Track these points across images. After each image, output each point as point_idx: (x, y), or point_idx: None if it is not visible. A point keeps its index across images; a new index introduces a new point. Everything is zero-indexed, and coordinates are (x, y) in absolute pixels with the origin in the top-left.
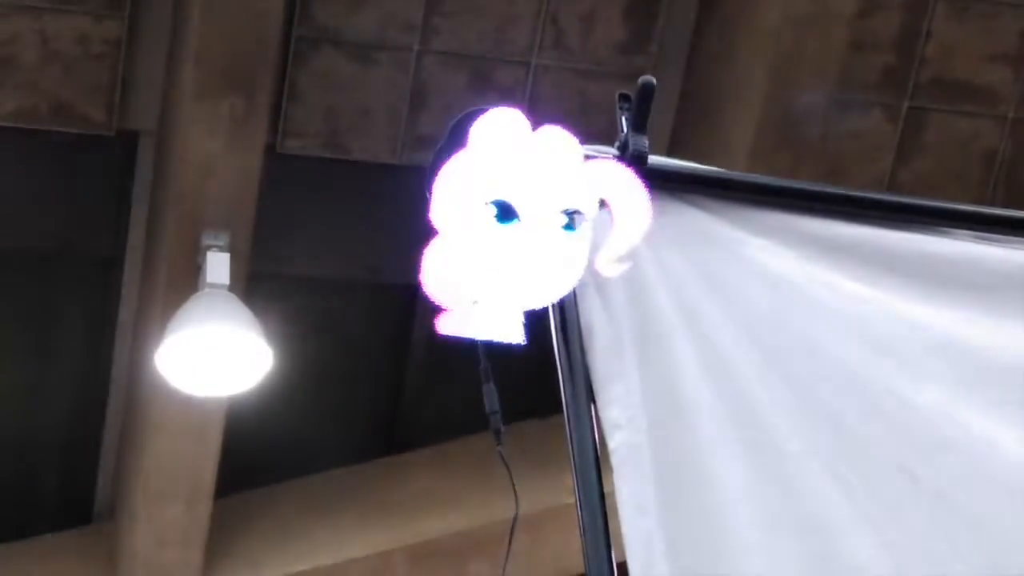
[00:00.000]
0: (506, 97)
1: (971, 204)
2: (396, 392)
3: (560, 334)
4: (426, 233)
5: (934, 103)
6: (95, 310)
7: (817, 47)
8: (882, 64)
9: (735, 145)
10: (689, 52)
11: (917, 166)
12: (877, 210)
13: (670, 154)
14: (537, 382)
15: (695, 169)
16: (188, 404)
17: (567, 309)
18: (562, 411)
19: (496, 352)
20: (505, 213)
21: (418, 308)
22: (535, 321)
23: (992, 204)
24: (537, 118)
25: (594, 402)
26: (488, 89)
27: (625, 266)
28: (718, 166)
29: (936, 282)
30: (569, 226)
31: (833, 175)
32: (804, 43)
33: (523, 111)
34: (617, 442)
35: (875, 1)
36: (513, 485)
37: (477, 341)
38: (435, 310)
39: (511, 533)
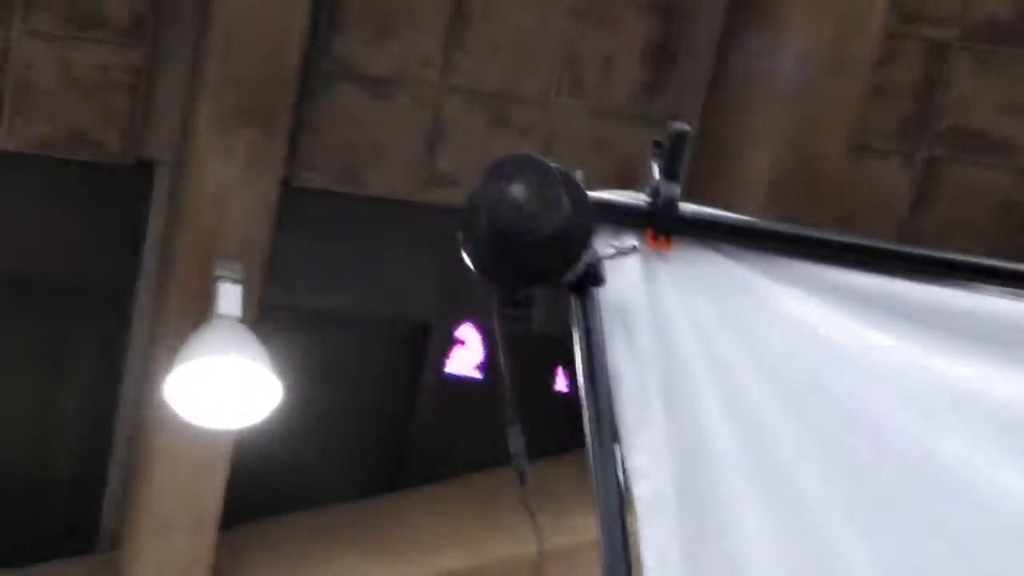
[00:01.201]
0: (523, 136)
1: (986, 255)
2: (404, 428)
3: (587, 379)
4: (439, 270)
5: (952, 153)
6: (106, 338)
7: (835, 93)
8: (900, 112)
9: (752, 189)
10: (707, 95)
11: (933, 215)
12: (904, 263)
13: (686, 196)
14: (541, 422)
15: (725, 217)
16: (195, 434)
17: (595, 355)
18: (567, 451)
19: (501, 386)
20: None
21: (428, 344)
22: (549, 362)
23: (1008, 255)
24: (554, 158)
25: (618, 441)
26: (506, 128)
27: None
28: (734, 209)
29: (960, 335)
30: None
31: (849, 222)
32: (822, 89)
33: (540, 151)
34: (642, 490)
35: (894, 49)
36: (535, 525)
37: (506, 385)
38: (446, 347)
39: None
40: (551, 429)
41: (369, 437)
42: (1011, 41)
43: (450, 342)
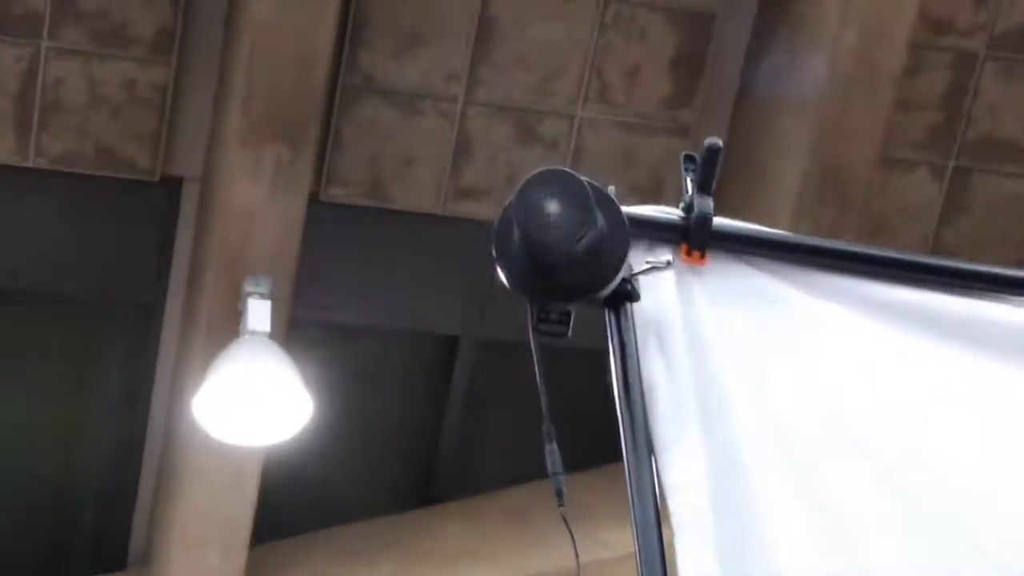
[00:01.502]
0: (550, 149)
1: (1018, 265)
2: (433, 443)
3: (623, 394)
4: (467, 284)
5: (980, 163)
6: (135, 354)
7: (863, 104)
8: (928, 123)
9: (780, 201)
10: (734, 105)
11: (962, 226)
12: (939, 276)
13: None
14: (575, 435)
15: (759, 232)
16: (225, 451)
17: (630, 370)
18: (597, 465)
19: (536, 401)
20: None
21: (456, 358)
22: (575, 370)
23: None
24: (581, 170)
25: (653, 455)
26: (533, 141)
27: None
28: (762, 221)
29: (1002, 350)
30: None
31: (877, 233)
32: (850, 100)
33: (567, 163)
34: (677, 504)
35: (922, 60)
36: (574, 545)
37: (541, 401)
38: (474, 361)
39: None
40: (584, 442)
41: (398, 452)
42: None
43: (478, 356)
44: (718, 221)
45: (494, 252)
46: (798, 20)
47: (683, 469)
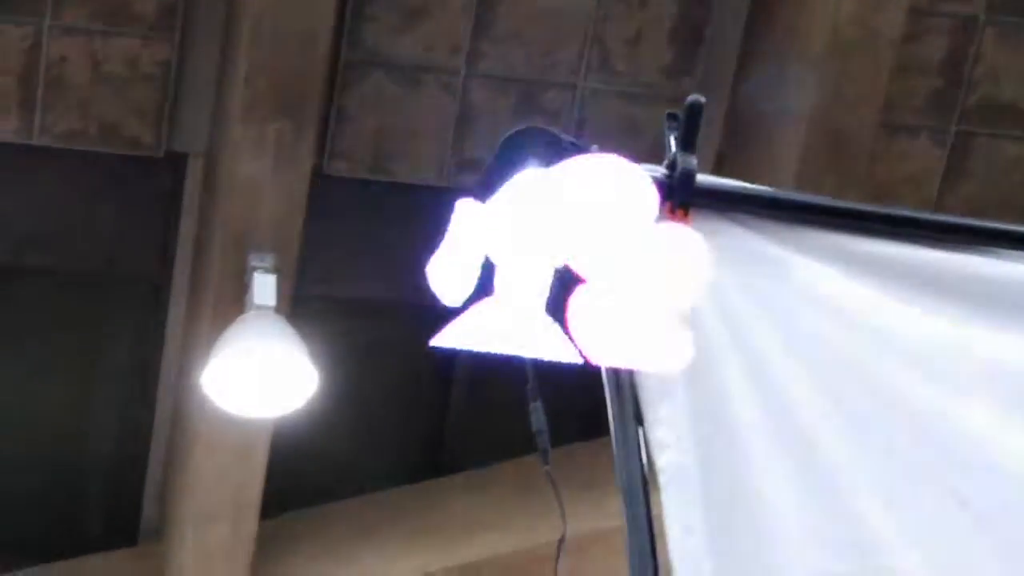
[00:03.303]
0: (553, 120)
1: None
2: (441, 414)
3: None
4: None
5: (982, 127)
6: (142, 331)
7: (864, 70)
8: (929, 88)
9: (781, 168)
10: (735, 74)
11: (964, 190)
12: (926, 230)
13: (716, 175)
14: (583, 405)
15: (743, 188)
16: (234, 424)
17: None
18: (608, 434)
19: (544, 373)
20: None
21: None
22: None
23: None
24: (584, 140)
25: (641, 423)
26: (535, 112)
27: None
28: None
29: (986, 304)
30: None
31: (879, 198)
32: (851, 66)
33: (570, 133)
34: (664, 462)
35: (922, 25)
36: (560, 504)
37: (526, 360)
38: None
39: (558, 552)
40: (591, 413)
41: (406, 424)
42: None
43: None
44: (701, 178)
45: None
46: None
47: (669, 425)
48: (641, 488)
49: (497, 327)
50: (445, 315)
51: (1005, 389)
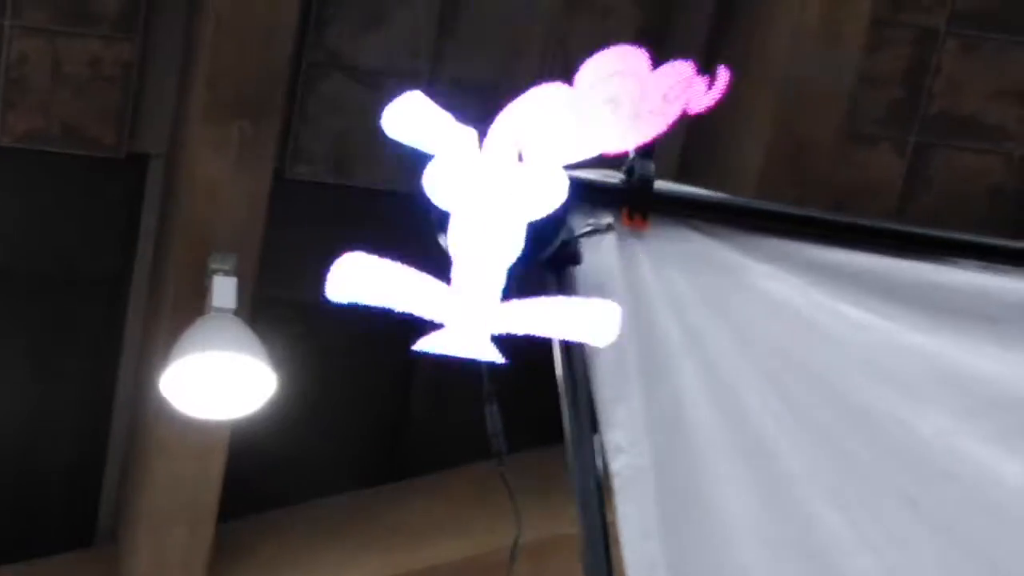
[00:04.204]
0: None
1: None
2: (400, 418)
3: (564, 357)
4: (432, 260)
5: (942, 139)
6: (101, 332)
7: (826, 80)
8: (890, 98)
9: (743, 176)
10: None
11: (924, 201)
12: (883, 239)
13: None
14: (544, 410)
15: (701, 195)
16: (192, 427)
17: None
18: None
19: (504, 378)
20: None
21: (423, 334)
22: (541, 347)
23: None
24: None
25: (596, 428)
26: (498, 115)
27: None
28: None
29: (941, 312)
30: None
31: (840, 208)
32: (813, 76)
33: None
34: (620, 465)
35: (884, 36)
36: (515, 506)
37: (482, 364)
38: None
39: (512, 555)
40: (556, 417)
41: (365, 427)
42: (999, 26)
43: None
44: (659, 184)
45: (433, 216)
46: None
47: (625, 429)
48: (596, 493)
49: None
50: (405, 320)
51: (957, 395)
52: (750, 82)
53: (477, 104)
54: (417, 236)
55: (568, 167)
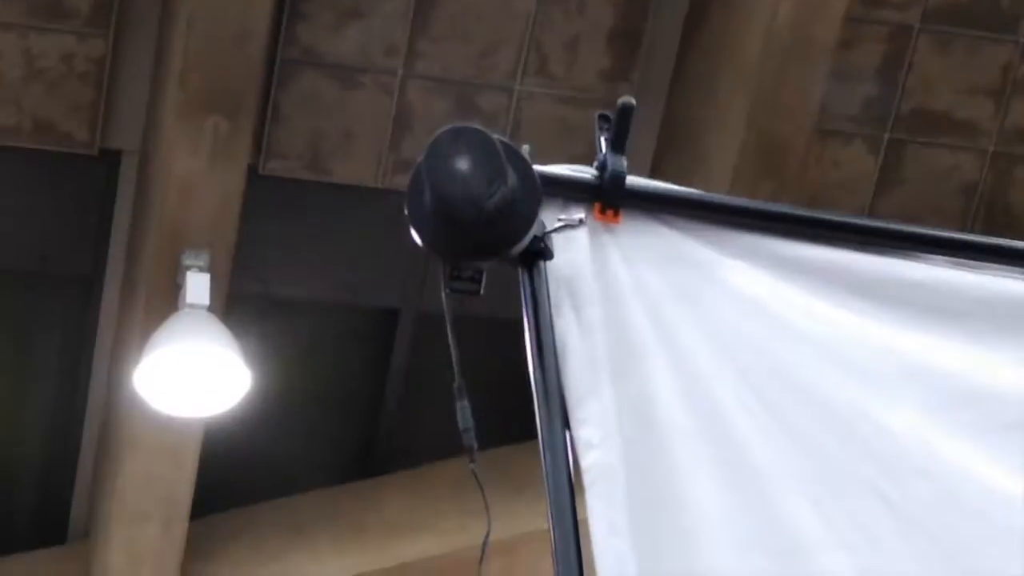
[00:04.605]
0: (489, 123)
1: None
2: (374, 415)
3: (535, 352)
4: (407, 257)
5: (915, 135)
6: (74, 329)
7: (799, 77)
8: (864, 95)
9: (717, 173)
10: (672, 79)
11: (897, 197)
12: (852, 234)
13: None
14: (515, 406)
15: (672, 190)
16: (165, 424)
17: (543, 328)
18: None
19: (476, 374)
20: None
21: (397, 331)
22: (513, 343)
23: None
24: (520, 143)
25: (568, 425)
26: (472, 114)
27: None
28: None
29: (910, 307)
30: None
31: (813, 204)
32: (786, 73)
33: (506, 136)
34: (590, 461)
35: (857, 32)
36: (486, 502)
37: (452, 359)
38: (415, 333)
39: (483, 551)
40: (530, 413)
41: (339, 424)
42: (972, 23)
43: (418, 328)
44: (631, 180)
45: (406, 210)
46: None
47: (595, 425)
48: (568, 490)
49: None
50: (380, 315)
51: (931, 391)
52: (724, 79)
53: (452, 101)
54: (391, 232)
55: (539, 162)
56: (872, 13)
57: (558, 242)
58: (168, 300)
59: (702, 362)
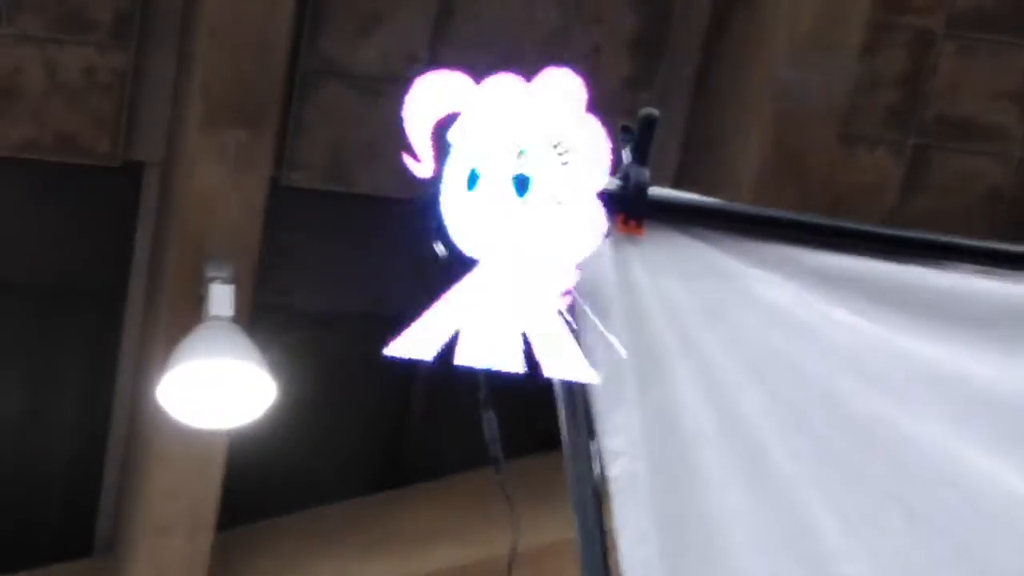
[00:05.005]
0: None
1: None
2: (399, 425)
3: None
4: (430, 268)
5: (939, 141)
6: (98, 341)
7: (823, 83)
8: (888, 101)
9: (741, 180)
10: (694, 87)
11: (921, 204)
12: (877, 243)
13: (676, 189)
14: (542, 416)
15: (695, 200)
16: (190, 436)
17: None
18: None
19: (501, 384)
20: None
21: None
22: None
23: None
24: None
25: (593, 435)
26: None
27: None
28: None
29: (936, 315)
30: (521, 190)
31: (837, 211)
32: (809, 79)
33: None
34: (617, 470)
35: (882, 38)
36: (513, 513)
37: (478, 370)
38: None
39: (510, 562)
40: (552, 425)
41: (364, 435)
42: (996, 28)
43: None
44: (654, 191)
45: (433, 225)
46: (757, 1)
47: (621, 434)
48: (593, 499)
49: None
50: (403, 326)
51: (953, 400)
52: (747, 86)
53: None
54: (414, 244)
55: None
56: (896, 19)
57: None
58: (192, 312)
59: (726, 372)
